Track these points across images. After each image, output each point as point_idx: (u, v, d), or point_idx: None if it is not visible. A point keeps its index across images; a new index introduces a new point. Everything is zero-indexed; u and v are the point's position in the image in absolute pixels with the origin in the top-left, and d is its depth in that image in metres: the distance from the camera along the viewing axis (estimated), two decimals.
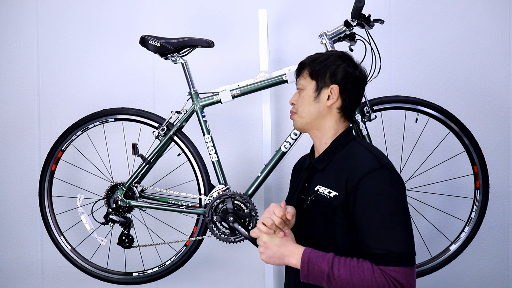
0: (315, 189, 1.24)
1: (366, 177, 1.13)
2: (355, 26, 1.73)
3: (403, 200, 1.14)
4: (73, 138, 1.96)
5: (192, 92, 1.84)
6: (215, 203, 1.76)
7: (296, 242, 1.21)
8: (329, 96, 1.26)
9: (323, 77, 1.26)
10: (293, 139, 1.75)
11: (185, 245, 1.89)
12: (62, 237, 1.98)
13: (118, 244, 1.87)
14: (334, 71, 1.26)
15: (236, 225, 1.67)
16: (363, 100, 1.76)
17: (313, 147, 1.37)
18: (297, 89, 1.34)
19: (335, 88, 1.25)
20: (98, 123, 1.94)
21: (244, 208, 1.74)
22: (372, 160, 1.16)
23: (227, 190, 1.80)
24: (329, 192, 1.20)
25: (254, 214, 1.73)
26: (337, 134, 1.28)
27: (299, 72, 1.34)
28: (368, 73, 1.36)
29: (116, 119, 1.92)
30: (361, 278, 1.08)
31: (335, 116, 1.28)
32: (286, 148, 1.77)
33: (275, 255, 1.18)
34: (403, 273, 1.07)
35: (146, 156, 1.86)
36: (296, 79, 1.36)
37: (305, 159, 1.45)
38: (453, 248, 1.86)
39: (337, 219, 1.18)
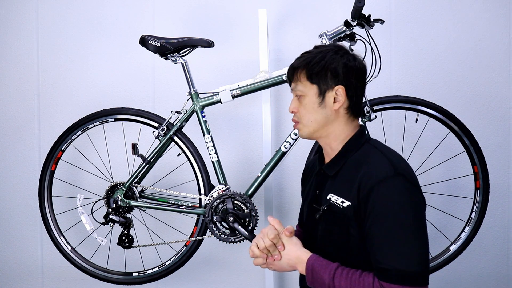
0: (328, 197, 1.16)
1: (378, 185, 1.04)
2: (355, 26, 1.73)
3: (417, 212, 1.04)
4: (73, 138, 1.96)
5: (192, 92, 1.83)
6: (215, 203, 1.76)
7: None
8: (334, 98, 1.15)
9: (324, 79, 1.15)
10: (293, 139, 1.75)
11: (185, 245, 1.89)
12: (62, 237, 1.98)
13: (118, 244, 1.87)
14: (335, 69, 1.14)
15: (236, 225, 1.67)
16: (363, 100, 1.76)
17: (321, 151, 1.27)
18: (296, 95, 1.21)
19: (340, 89, 1.15)
20: (98, 123, 1.94)
21: (244, 208, 1.74)
22: (386, 166, 1.07)
23: (227, 190, 1.80)
24: (342, 202, 1.11)
25: (254, 214, 1.73)
26: (348, 137, 1.18)
27: (292, 76, 1.21)
28: (368, 73, 1.31)
29: (116, 119, 1.92)
30: None
31: (344, 117, 1.18)
32: (286, 148, 1.77)
33: (282, 268, 1.19)
34: None
35: (146, 156, 1.86)
36: (290, 84, 1.23)
37: (314, 164, 1.34)
38: (453, 248, 1.85)
39: (352, 231, 1.10)
